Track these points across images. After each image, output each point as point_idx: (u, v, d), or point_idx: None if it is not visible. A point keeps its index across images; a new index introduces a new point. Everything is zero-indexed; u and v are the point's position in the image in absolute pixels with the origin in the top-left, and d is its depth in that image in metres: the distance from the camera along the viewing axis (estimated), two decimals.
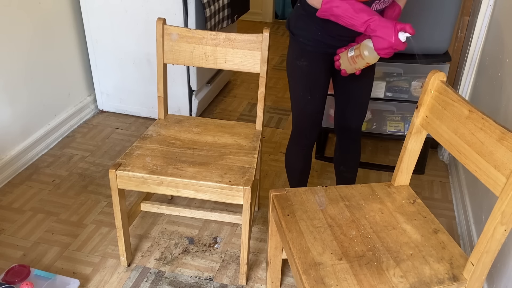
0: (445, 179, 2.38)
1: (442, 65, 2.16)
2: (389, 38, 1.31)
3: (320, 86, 1.66)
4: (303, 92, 1.66)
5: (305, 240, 1.28)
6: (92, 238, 1.93)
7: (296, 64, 1.64)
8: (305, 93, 1.66)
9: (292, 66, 1.68)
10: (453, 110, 1.25)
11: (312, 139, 1.79)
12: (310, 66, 1.62)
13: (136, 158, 1.63)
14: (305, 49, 1.60)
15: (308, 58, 1.61)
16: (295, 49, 1.64)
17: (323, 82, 1.66)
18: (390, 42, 1.31)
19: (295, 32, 1.61)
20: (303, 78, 1.65)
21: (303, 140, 1.79)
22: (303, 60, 1.62)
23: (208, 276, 1.77)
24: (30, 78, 2.35)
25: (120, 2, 2.49)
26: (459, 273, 1.20)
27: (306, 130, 1.76)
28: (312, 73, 1.63)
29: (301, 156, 1.83)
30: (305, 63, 1.62)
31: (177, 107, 2.71)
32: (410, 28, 1.31)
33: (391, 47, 1.33)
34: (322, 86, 1.67)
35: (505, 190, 1.06)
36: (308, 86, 1.65)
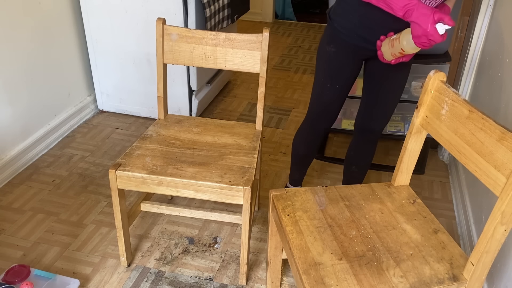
0: (445, 179, 2.38)
1: (442, 65, 2.16)
2: (425, 26, 1.26)
3: (343, 76, 1.65)
4: (324, 77, 1.66)
5: (305, 240, 1.28)
6: (92, 238, 1.93)
7: (325, 48, 1.63)
8: (325, 79, 1.66)
9: (321, 50, 1.67)
10: (453, 110, 1.25)
11: (320, 127, 1.79)
12: (337, 53, 1.61)
13: (136, 158, 1.63)
14: (337, 36, 1.59)
15: (337, 45, 1.60)
16: (328, 33, 1.63)
17: (347, 74, 1.65)
18: (425, 30, 1.26)
19: (332, 17, 1.60)
20: (328, 64, 1.64)
21: (312, 125, 1.80)
22: (332, 46, 1.61)
23: (208, 276, 1.77)
24: (30, 78, 2.35)
25: (120, 2, 2.49)
26: (459, 273, 1.20)
27: (316, 116, 1.76)
28: (337, 61, 1.62)
29: (306, 141, 1.85)
30: (333, 50, 1.61)
31: (177, 107, 2.72)
32: (449, 20, 1.24)
33: (425, 36, 1.27)
34: (345, 77, 1.65)
35: (505, 190, 1.06)
36: (330, 74, 1.65)
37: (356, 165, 1.91)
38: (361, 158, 1.89)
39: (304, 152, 1.92)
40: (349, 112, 2.43)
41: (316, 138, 1.85)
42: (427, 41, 1.30)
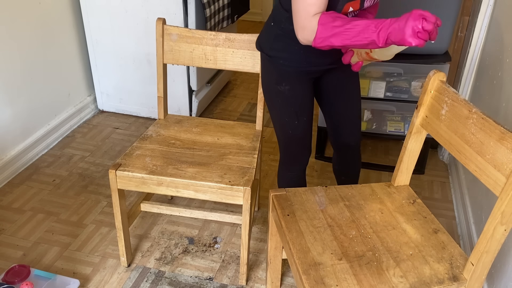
0: (445, 179, 2.38)
1: (442, 65, 2.16)
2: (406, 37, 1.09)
3: (306, 108, 1.53)
4: (289, 118, 1.53)
5: (305, 240, 1.28)
6: (92, 238, 1.93)
7: (277, 89, 1.49)
8: (291, 119, 1.53)
9: (272, 92, 1.53)
10: (453, 110, 1.25)
11: (304, 163, 1.67)
12: (293, 89, 1.48)
13: (136, 158, 1.63)
14: (286, 72, 1.46)
15: (290, 82, 1.47)
16: (273, 73, 1.49)
17: (309, 104, 1.54)
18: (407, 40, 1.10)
19: (272, 54, 1.45)
20: (287, 103, 1.51)
21: (295, 165, 1.67)
22: (285, 84, 1.47)
23: (208, 276, 1.77)
24: (30, 78, 2.35)
25: (120, 2, 2.49)
26: (459, 273, 1.20)
27: (297, 156, 1.63)
28: (296, 97, 1.49)
29: (294, 180, 1.70)
30: (288, 87, 1.47)
31: (177, 107, 2.72)
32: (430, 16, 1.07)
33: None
34: (308, 108, 1.54)
35: (505, 190, 1.06)
36: (294, 111, 1.51)
37: (345, 175, 1.84)
38: (348, 169, 1.82)
39: None
40: None
41: (303, 174, 1.71)
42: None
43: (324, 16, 1.20)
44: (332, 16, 1.20)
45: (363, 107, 2.42)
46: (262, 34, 1.51)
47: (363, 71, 2.27)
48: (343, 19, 1.18)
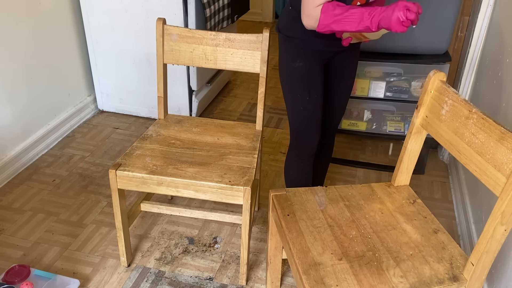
0: (445, 179, 2.38)
1: (442, 65, 2.16)
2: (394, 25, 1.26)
3: (318, 85, 1.64)
4: (301, 93, 1.63)
5: (305, 240, 1.28)
6: (92, 238, 1.93)
7: (292, 66, 1.60)
8: (303, 95, 1.63)
9: (287, 70, 1.63)
10: (453, 110, 1.25)
11: (314, 145, 1.72)
12: (306, 65, 1.59)
13: (136, 158, 1.63)
14: (301, 50, 1.57)
15: (304, 58, 1.58)
16: (289, 51, 1.60)
17: (320, 81, 1.64)
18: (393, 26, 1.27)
19: (289, 35, 1.57)
20: (301, 79, 1.61)
21: (304, 147, 1.72)
22: (299, 61, 1.58)
23: (208, 276, 1.77)
24: (30, 78, 2.35)
25: (120, 2, 2.49)
26: (459, 273, 1.20)
27: (306, 135, 1.70)
28: (310, 73, 1.60)
29: (301, 168, 1.76)
30: (302, 64, 1.58)
31: (177, 107, 2.72)
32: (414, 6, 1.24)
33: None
34: (320, 85, 1.64)
35: (505, 190, 1.06)
36: (307, 87, 1.61)
37: (318, 160, 1.89)
38: (322, 153, 1.89)
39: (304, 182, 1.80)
40: (349, 112, 2.43)
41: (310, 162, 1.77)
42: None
43: (326, 5, 1.36)
44: (333, 5, 1.35)
45: (363, 107, 2.42)
46: (281, 18, 1.63)
47: (363, 71, 2.27)
48: (342, 8, 1.34)
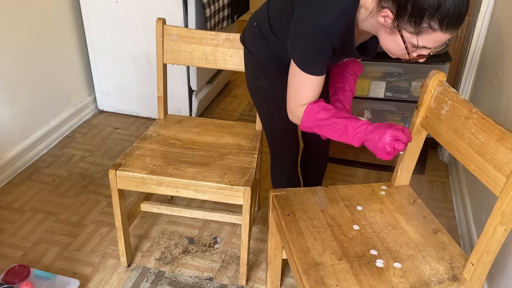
0: (445, 179, 2.38)
1: (442, 65, 2.15)
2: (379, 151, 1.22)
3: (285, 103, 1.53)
4: (269, 112, 1.56)
5: (305, 240, 1.28)
6: (92, 238, 1.93)
7: (257, 84, 1.53)
8: (271, 113, 1.55)
9: (253, 87, 1.57)
10: (453, 110, 1.25)
11: (292, 158, 1.68)
12: (271, 84, 1.50)
13: (136, 158, 1.63)
14: (264, 68, 1.49)
15: (268, 77, 1.49)
16: (253, 68, 1.54)
17: None
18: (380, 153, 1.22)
19: (252, 50, 1.50)
20: (266, 98, 1.54)
21: (283, 160, 1.68)
22: (263, 79, 1.50)
23: (208, 276, 1.77)
24: (30, 78, 2.35)
25: (120, 2, 2.49)
26: (459, 273, 1.20)
27: (282, 150, 1.66)
28: (276, 90, 1.48)
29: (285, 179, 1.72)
30: (265, 82, 1.50)
31: (177, 107, 2.71)
32: (403, 136, 1.19)
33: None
34: None
35: (505, 190, 1.06)
36: (274, 106, 1.52)
37: (312, 171, 1.87)
38: (314, 166, 1.86)
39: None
40: None
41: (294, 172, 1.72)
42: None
43: (311, 106, 1.28)
44: (318, 107, 1.28)
45: (363, 107, 2.41)
46: (245, 29, 1.54)
47: (364, 71, 2.26)
48: (327, 112, 1.27)
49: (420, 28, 1.10)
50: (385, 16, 1.14)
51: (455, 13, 1.06)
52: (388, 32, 1.16)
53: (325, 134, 1.30)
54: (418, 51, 1.18)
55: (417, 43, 1.14)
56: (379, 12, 1.15)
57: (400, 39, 1.15)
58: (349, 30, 1.23)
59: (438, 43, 1.14)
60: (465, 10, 1.08)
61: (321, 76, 1.28)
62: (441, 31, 1.09)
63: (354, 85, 1.47)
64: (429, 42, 1.13)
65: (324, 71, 1.28)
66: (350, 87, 1.46)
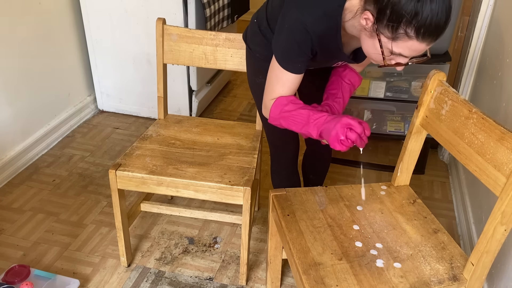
0: (445, 179, 2.38)
1: (442, 65, 2.15)
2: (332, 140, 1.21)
3: None
4: None
5: (305, 240, 1.28)
6: (92, 238, 1.93)
7: (256, 81, 1.54)
8: None
9: (253, 84, 1.58)
10: (453, 110, 1.25)
11: (291, 155, 1.68)
12: None
13: (136, 158, 1.63)
14: (262, 66, 1.47)
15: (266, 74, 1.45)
16: (252, 65, 1.56)
17: None
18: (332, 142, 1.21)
19: (251, 47, 1.51)
20: None
21: (282, 158, 1.69)
22: (261, 76, 1.48)
23: (208, 276, 1.77)
24: (30, 78, 2.35)
25: (120, 2, 2.49)
26: (459, 273, 1.20)
27: (280, 148, 1.67)
28: None
29: (285, 178, 1.73)
30: (264, 80, 1.46)
31: (177, 107, 2.72)
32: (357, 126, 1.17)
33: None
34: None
35: (505, 190, 1.06)
36: None
37: (313, 173, 1.87)
38: (316, 167, 1.85)
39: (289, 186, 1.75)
40: (349, 112, 2.43)
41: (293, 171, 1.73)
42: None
43: (280, 99, 1.31)
44: (288, 100, 1.30)
45: (363, 107, 2.42)
46: (248, 27, 1.56)
47: (364, 71, 2.26)
48: (295, 105, 1.29)
49: (397, 34, 1.09)
50: (367, 18, 1.14)
51: (432, 23, 1.05)
52: (368, 35, 1.16)
53: (290, 126, 1.32)
54: (395, 58, 1.16)
55: (391, 49, 1.13)
56: (362, 14, 1.15)
57: (378, 43, 1.14)
58: (333, 31, 1.24)
59: (414, 52, 1.13)
60: (444, 23, 1.07)
61: (297, 74, 1.29)
62: (417, 40, 1.08)
63: (348, 94, 1.47)
64: (405, 50, 1.12)
65: (302, 70, 1.30)
66: (343, 95, 1.46)
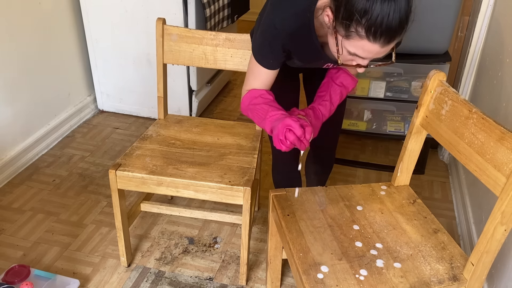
0: (445, 179, 2.38)
1: (442, 65, 2.16)
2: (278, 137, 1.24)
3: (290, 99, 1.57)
4: None
5: (305, 240, 1.28)
6: (92, 238, 1.93)
7: None
8: None
9: None
10: (453, 110, 1.25)
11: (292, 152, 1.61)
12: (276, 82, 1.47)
13: (136, 158, 1.63)
14: None
15: None
16: None
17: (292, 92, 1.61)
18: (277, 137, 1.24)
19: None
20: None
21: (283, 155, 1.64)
22: None
23: (208, 276, 1.77)
24: (30, 78, 2.35)
25: (120, 2, 2.49)
26: (459, 273, 1.20)
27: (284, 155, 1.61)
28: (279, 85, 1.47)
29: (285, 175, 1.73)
30: None
31: (177, 107, 2.72)
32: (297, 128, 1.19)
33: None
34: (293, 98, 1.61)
35: (505, 190, 1.06)
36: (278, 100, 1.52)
37: (315, 173, 1.87)
38: (319, 169, 1.86)
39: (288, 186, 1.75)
40: (349, 112, 2.43)
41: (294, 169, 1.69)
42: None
43: (253, 91, 1.36)
44: (259, 93, 1.35)
45: (363, 107, 2.42)
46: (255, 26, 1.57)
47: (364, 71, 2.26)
48: (263, 99, 1.33)
49: (349, 32, 1.09)
50: (328, 15, 1.14)
51: (383, 24, 1.04)
52: (330, 33, 1.17)
53: (254, 118, 1.37)
54: (355, 59, 1.17)
55: (343, 47, 1.14)
56: (324, 11, 1.16)
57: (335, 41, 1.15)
58: (306, 30, 1.25)
59: (369, 53, 1.13)
60: (396, 25, 1.06)
61: (269, 70, 1.34)
62: (368, 40, 1.08)
63: (337, 97, 1.46)
64: (359, 50, 1.12)
65: (275, 66, 1.34)
66: (331, 98, 1.45)
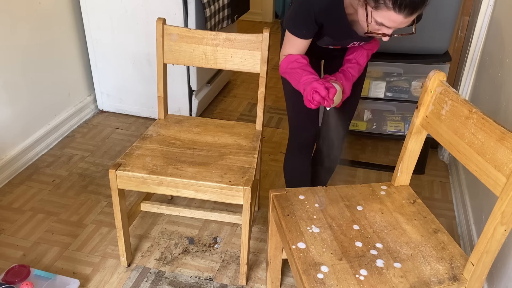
0: (445, 179, 2.38)
1: (442, 65, 2.16)
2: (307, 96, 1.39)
3: None
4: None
5: (305, 240, 1.28)
6: (92, 238, 1.93)
7: None
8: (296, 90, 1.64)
9: None
10: (453, 110, 1.25)
11: (308, 139, 1.75)
12: None
13: (136, 158, 1.63)
14: None
15: None
16: None
17: None
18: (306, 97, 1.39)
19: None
20: None
21: (301, 141, 1.74)
22: None
23: (208, 276, 1.77)
24: (30, 78, 2.35)
25: (120, 2, 2.49)
26: (459, 273, 1.20)
27: (300, 130, 1.73)
28: None
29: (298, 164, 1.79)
30: None
31: (177, 107, 2.72)
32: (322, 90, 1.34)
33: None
34: None
35: (505, 190, 1.06)
36: None
37: (321, 165, 1.90)
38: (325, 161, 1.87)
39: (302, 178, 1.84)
40: None
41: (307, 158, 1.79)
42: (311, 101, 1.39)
43: (290, 56, 1.51)
44: (295, 57, 1.50)
45: (363, 107, 2.42)
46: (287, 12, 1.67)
47: None
48: (299, 63, 1.48)
49: (378, 3, 1.25)
50: None
51: None
52: (360, 5, 1.32)
53: (291, 81, 1.51)
54: (381, 28, 1.31)
55: (372, 17, 1.28)
56: None
57: (365, 12, 1.30)
58: (335, 7, 1.42)
59: (394, 23, 1.27)
60: None
61: (302, 39, 1.49)
62: (394, 11, 1.23)
63: (363, 58, 1.61)
64: (386, 20, 1.27)
65: (307, 36, 1.49)
66: (357, 59, 1.60)
